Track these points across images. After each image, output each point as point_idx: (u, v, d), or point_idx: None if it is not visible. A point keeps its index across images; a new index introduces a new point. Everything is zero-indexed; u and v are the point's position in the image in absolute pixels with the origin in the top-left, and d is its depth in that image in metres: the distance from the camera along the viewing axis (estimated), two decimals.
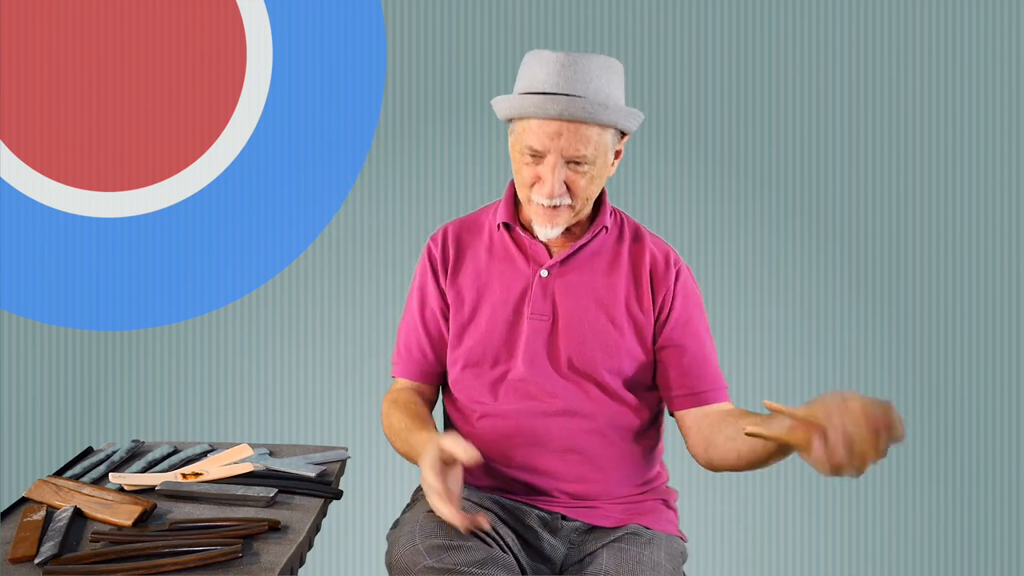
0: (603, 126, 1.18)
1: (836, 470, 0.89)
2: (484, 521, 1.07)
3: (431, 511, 1.16)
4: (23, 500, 1.16)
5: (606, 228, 1.29)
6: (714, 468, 1.21)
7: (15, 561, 0.97)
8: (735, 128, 2.08)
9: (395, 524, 1.23)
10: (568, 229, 1.28)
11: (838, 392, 0.92)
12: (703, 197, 2.09)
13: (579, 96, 1.16)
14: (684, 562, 1.26)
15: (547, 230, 1.24)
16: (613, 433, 1.26)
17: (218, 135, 2.04)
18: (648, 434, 1.31)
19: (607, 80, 1.19)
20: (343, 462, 1.37)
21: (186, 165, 2.05)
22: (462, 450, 1.06)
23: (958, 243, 2.06)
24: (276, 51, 2.03)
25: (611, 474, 1.26)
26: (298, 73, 2.04)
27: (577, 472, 1.25)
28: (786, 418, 0.96)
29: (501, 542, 1.15)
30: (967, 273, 2.06)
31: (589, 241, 1.28)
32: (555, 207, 1.21)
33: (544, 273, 1.27)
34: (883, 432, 0.87)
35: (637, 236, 1.32)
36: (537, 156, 1.19)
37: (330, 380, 2.13)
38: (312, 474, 1.26)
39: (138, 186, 2.04)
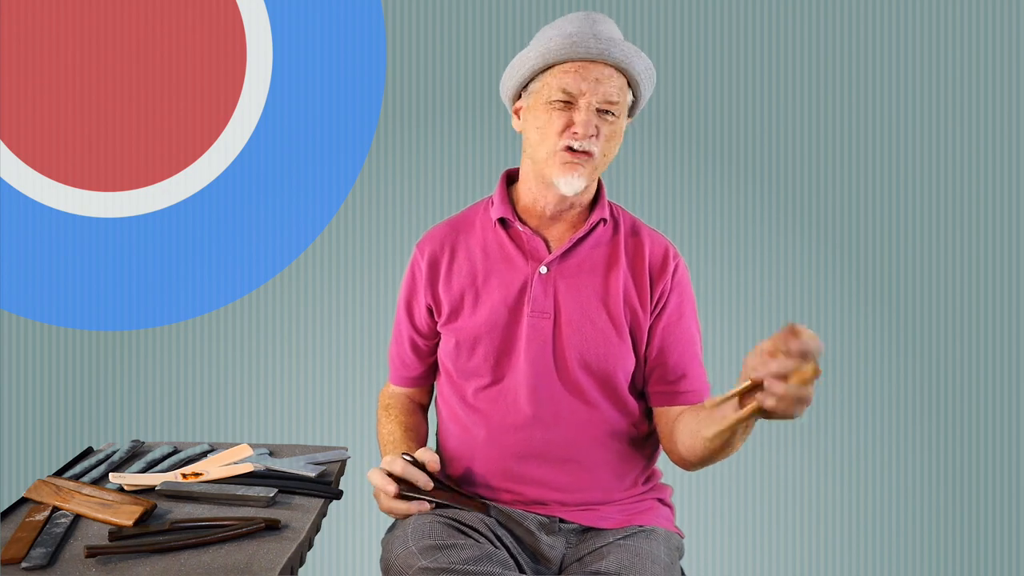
0: (628, 83, 1.19)
1: (787, 404, 0.88)
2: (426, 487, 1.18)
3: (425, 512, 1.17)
4: (23, 500, 1.16)
5: (604, 220, 1.26)
6: (684, 463, 1.19)
7: (4, 563, 0.96)
8: (734, 125, 2.08)
9: (390, 528, 1.23)
10: (566, 222, 1.25)
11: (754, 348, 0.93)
12: (701, 194, 2.09)
13: (617, 39, 1.16)
14: (681, 557, 1.25)
15: (573, 179, 1.18)
16: (613, 440, 1.24)
17: (218, 135, 2.04)
18: (647, 435, 1.29)
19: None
20: (343, 462, 1.37)
21: (186, 165, 2.04)
22: (426, 458, 1.20)
23: (958, 241, 2.06)
24: (276, 51, 2.03)
25: (611, 482, 1.24)
26: (298, 73, 2.04)
27: (575, 483, 1.22)
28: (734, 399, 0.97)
29: (496, 541, 1.15)
30: (967, 272, 2.06)
31: (588, 234, 1.25)
32: (582, 154, 1.17)
33: (544, 270, 1.23)
34: (797, 347, 0.87)
35: (635, 230, 1.29)
36: (568, 102, 1.16)
37: (330, 380, 2.13)
38: (312, 474, 1.26)
39: (138, 186, 2.04)
